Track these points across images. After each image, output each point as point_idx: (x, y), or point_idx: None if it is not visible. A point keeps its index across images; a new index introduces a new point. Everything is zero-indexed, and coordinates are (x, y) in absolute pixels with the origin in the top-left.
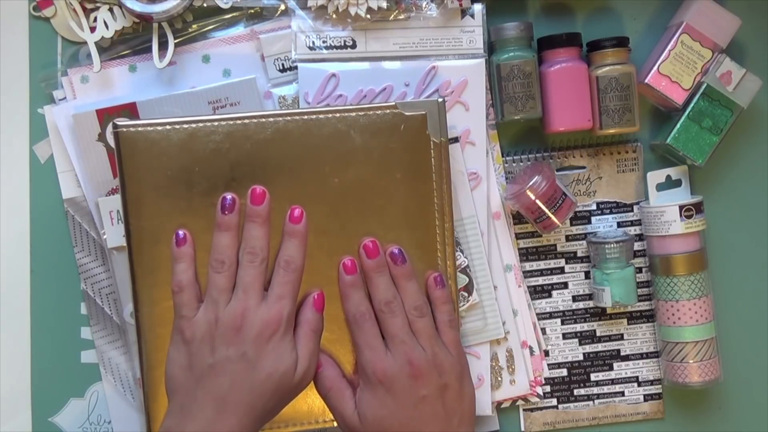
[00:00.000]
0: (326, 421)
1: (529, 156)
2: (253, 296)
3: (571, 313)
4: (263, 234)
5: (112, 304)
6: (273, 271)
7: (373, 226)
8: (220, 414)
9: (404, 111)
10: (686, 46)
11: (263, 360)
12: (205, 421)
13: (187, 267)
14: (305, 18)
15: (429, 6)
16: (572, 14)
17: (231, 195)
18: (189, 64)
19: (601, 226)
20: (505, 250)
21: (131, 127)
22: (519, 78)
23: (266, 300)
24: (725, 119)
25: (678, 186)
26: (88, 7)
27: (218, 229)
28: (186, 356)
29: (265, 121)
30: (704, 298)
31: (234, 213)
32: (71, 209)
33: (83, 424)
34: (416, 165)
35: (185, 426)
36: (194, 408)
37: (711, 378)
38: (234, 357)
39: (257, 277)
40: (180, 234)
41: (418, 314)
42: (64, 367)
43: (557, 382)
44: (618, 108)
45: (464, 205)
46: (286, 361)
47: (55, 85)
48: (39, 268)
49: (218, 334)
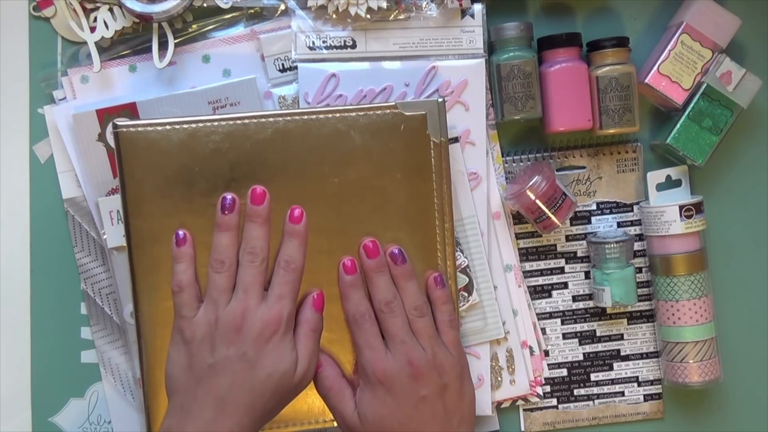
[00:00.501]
0: (326, 421)
1: (529, 156)
2: (253, 296)
3: (571, 313)
4: (263, 234)
5: (112, 304)
6: (273, 271)
7: (373, 226)
8: (220, 414)
9: (404, 111)
10: (686, 46)
11: (263, 360)
12: (205, 421)
13: (187, 267)
14: (305, 18)
15: (429, 6)
16: (572, 14)
17: (231, 195)
18: (189, 64)
19: (601, 226)
20: (505, 250)
21: (131, 127)
22: (519, 78)
23: (266, 300)
24: (725, 119)
25: (678, 186)
26: (88, 7)
27: (218, 229)
28: (186, 356)
29: (265, 121)
30: (704, 298)
31: (234, 213)
32: (71, 209)
33: (83, 424)
34: (416, 165)
35: (185, 426)
36: (194, 408)
37: (711, 378)
38: (234, 357)
39: (257, 277)
40: (180, 234)
41: (418, 314)
42: (64, 367)
43: (557, 382)
44: (618, 108)
45: (464, 205)
46: (286, 361)
47: (55, 85)
48: (39, 268)
49: (218, 334)
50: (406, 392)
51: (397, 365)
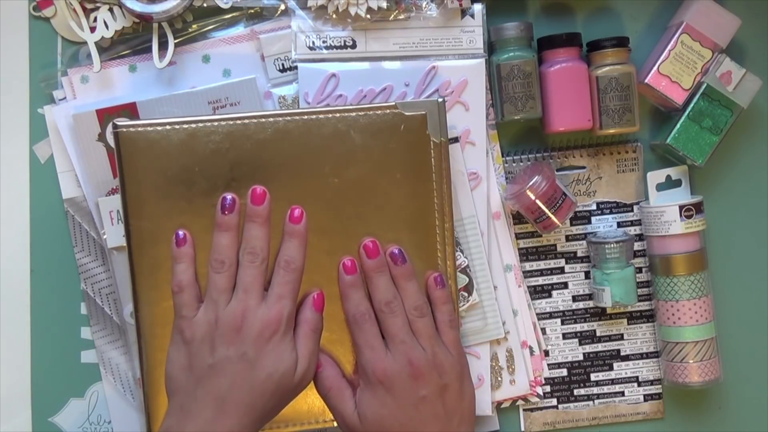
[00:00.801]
0: (326, 421)
1: (529, 156)
2: (253, 296)
3: (571, 313)
4: (263, 234)
5: (112, 304)
6: (273, 271)
7: (373, 226)
8: (219, 414)
9: (404, 111)
10: (686, 46)
11: (263, 360)
12: (205, 421)
13: (186, 267)
14: (305, 18)
15: (429, 6)
16: (572, 14)
17: (231, 195)
18: (189, 64)
19: (601, 226)
20: (505, 250)
21: (131, 127)
22: (519, 78)
23: (266, 300)
24: (725, 119)
25: (678, 186)
26: (88, 7)
27: (218, 229)
28: (186, 356)
29: (265, 121)
30: (704, 298)
31: (234, 213)
32: (71, 209)
33: (83, 424)
34: (416, 165)
35: (185, 426)
36: (194, 408)
37: (711, 378)
38: (234, 357)
39: (257, 278)
40: (180, 234)
41: (418, 314)
42: (64, 367)
43: (557, 382)
44: (618, 108)
45: (464, 205)
46: (286, 361)
47: (55, 85)
48: (39, 268)
49: (218, 334)
50: (406, 392)
51: (397, 365)
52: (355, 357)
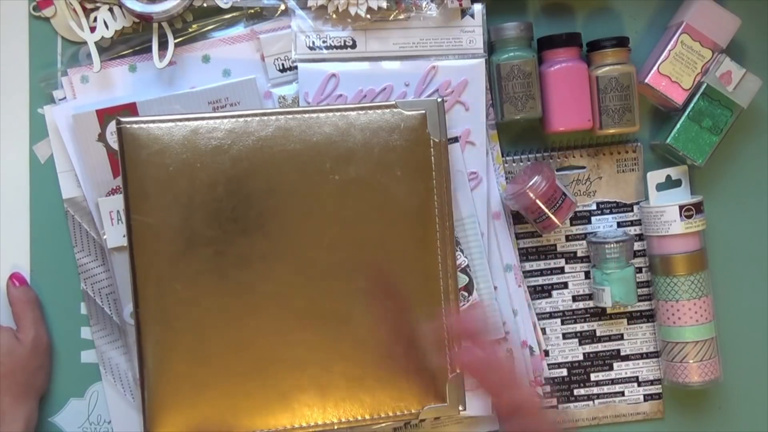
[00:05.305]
0: (326, 422)
1: (529, 156)
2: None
3: (571, 313)
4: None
5: (112, 304)
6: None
7: (373, 224)
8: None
9: (404, 110)
10: (686, 46)
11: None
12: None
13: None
14: (305, 18)
15: (429, 6)
16: (572, 14)
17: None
18: (189, 64)
19: (601, 226)
20: (505, 250)
21: (134, 123)
22: (519, 78)
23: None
24: (725, 119)
25: (678, 186)
26: (88, 7)
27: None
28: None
29: (266, 119)
30: (704, 298)
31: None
32: (71, 209)
33: (83, 424)
34: (416, 164)
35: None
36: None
37: (711, 378)
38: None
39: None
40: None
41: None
42: (64, 367)
43: (557, 382)
44: (618, 108)
45: (464, 205)
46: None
47: (55, 85)
48: (39, 268)
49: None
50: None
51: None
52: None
